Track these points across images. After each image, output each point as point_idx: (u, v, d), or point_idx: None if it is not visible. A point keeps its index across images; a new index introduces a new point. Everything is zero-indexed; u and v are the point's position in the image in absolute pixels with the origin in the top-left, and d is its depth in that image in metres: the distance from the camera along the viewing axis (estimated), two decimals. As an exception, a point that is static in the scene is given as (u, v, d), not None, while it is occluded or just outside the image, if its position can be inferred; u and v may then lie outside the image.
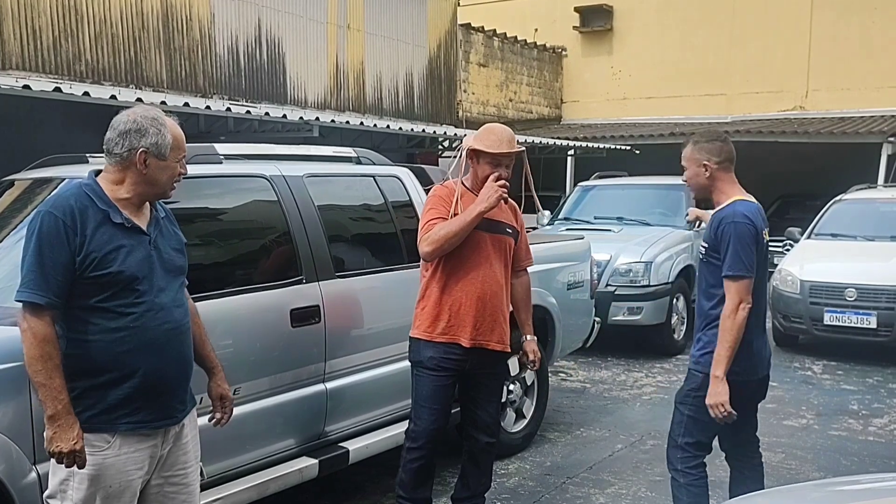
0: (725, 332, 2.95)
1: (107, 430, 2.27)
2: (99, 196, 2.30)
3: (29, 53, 8.56)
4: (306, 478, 3.50)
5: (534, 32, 17.86)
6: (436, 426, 3.43)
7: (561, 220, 8.98)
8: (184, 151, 2.43)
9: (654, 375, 6.95)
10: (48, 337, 2.19)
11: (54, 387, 2.18)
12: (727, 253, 2.96)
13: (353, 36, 12.70)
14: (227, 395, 2.71)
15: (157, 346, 2.31)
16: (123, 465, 2.29)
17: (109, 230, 2.27)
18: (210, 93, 10.35)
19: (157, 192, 2.40)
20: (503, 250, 3.46)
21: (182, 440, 2.47)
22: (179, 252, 2.49)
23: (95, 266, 2.23)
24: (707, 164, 3.08)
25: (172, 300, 2.38)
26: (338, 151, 4.13)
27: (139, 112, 2.36)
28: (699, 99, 16.72)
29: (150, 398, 2.32)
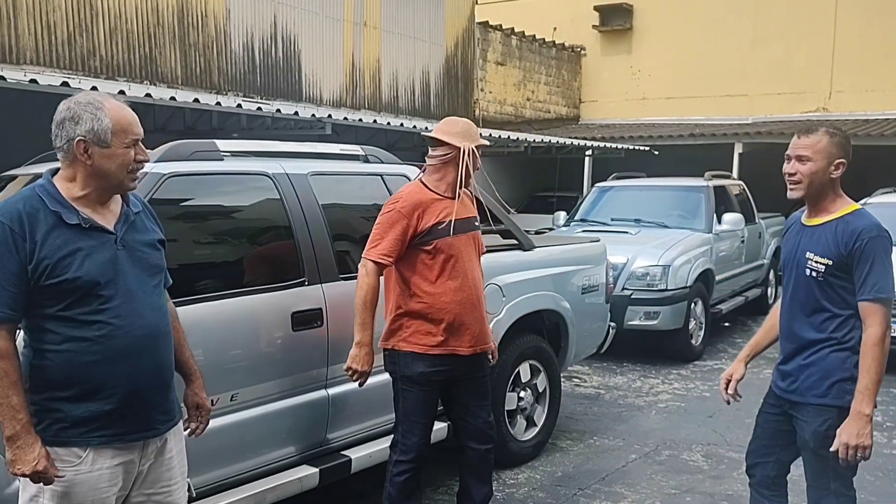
0: (874, 363, 2.56)
1: (78, 444, 2.11)
2: (52, 196, 2.11)
3: (43, 48, 8.53)
4: (306, 487, 3.37)
5: (552, 31, 17.67)
6: (425, 441, 3.34)
7: (577, 221, 8.81)
8: (133, 135, 2.17)
9: (671, 382, 6.77)
10: (5, 352, 2.02)
11: (12, 405, 2.01)
12: (870, 272, 2.58)
13: (369, 33, 12.59)
14: (203, 404, 2.52)
15: (129, 354, 2.13)
16: (96, 482, 2.13)
17: (64, 233, 2.08)
18: (225, 89, 10.29)
19: (113, 185, 2.17)
20: (475, 247, 3.40)
21: (165, 455, 2.29)
22: (155, 248, 2.29)
23: (49, 273, 2.05)
24: (840, 162, 2.70)
25: (147, 304, 2.19)
26: (345, 149, 4.00)
27: (74, 99, 2.15)
28: (720, 99, 16.46)
29: (125, 410, 2.15)
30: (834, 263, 2.65)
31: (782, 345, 2.87)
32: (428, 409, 3.33)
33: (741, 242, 8.90)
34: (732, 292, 8.90)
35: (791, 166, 2.74)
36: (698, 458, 4.86)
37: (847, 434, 2.58)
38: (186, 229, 3.26)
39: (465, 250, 3.28)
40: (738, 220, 8.30)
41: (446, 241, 3.23)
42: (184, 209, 3.24)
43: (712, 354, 7.80)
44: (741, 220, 8.36)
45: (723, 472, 4.62)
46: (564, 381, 6.43)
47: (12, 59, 8.20)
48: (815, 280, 2.69)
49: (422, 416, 3.30)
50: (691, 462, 4.80)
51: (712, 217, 8.25)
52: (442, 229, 3.22)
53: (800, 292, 2.76)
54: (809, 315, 2.73)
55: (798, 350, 2.77)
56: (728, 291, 8.73)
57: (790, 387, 2.78)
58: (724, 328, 8.96)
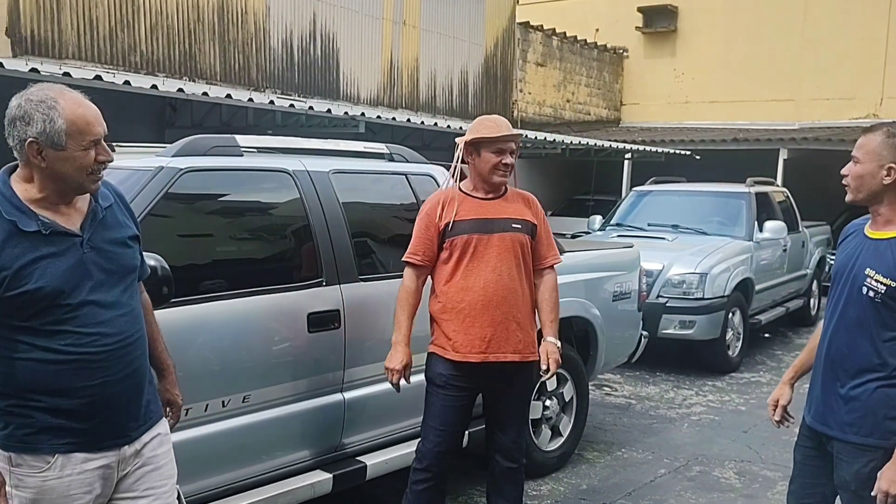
0: None
1: (46, 450, 1.97)
2: (8, 201, 1.94)
3: (85, 44, 8.62)
4: (319, 493, 3.28)
5: (595, 32, 17.45)
6: (441, 448, 3.17)
7: (613, 225, 8.62)
8: (92, 136, 1.97)
9: (705, 394, 6.55)
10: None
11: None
12: None
13: (408, 32, 12.54)
14: (174, 400, 2.37)
15: (98, 363, 1.99)
16: (67, 489, 1.99)
17: (22, 242, 1.91)
18: (263, 87, 10.32)
19: (72, 188, 2.00)
20: (511, 248, 3.14)
21: (146, 455, 2.14)
22: (127, 246, 2.12)
23: (7, 286, 1.89)
24: (892, 167, 2.39)
25: (115, 308, 2.03)
26: (368, 147, 3.91)
27: (27, 94, 1.96)
28: (765, 104, 16.07)
29: (95, 418, 2.01)
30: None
31: (822, 369, 2.55)
32: (445, 415, 3.19)
33: (783, 251, 8.61)
34: (773, 303, 8.61)
35: (846, 167, 2.49)
36: (731, 476, 4.67)
37: (887, 481, 2.30)
38: (202, 226, 3.20)
39: (488, 251, 3.12)
40: (780, 229, 8.02)
41: (461, 239, 3.11)
42: (200, 205, 3.18)
43: (750, 367, 7.55)
44: (784, 228, 8.09)
45: (756, 492, 4.43)
46: (594, 390, 6.27)
47: (55, 53, 8.31)
48: (872, 301, 2.37)
49: (438, 422, 3.18)
50: (723, 479, 4.61)
51: (753, 225, 7.99)
52: (457, 226, 3.12)
53: (850, 311, 2.45)
54: (858, 339, 2.42)
55: (841, 378, 2.46)
56: (768, 302, 8.45)
57: (827, 420, 2.49)
58: (763, 339, 8.69)
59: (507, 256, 3.14)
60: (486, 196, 3.21)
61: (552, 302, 3.30)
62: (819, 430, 2.53)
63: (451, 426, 3.18)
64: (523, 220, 3.19)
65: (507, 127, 3.19)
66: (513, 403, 3.25)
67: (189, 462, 2.61)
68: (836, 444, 2.48)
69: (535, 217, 3.25)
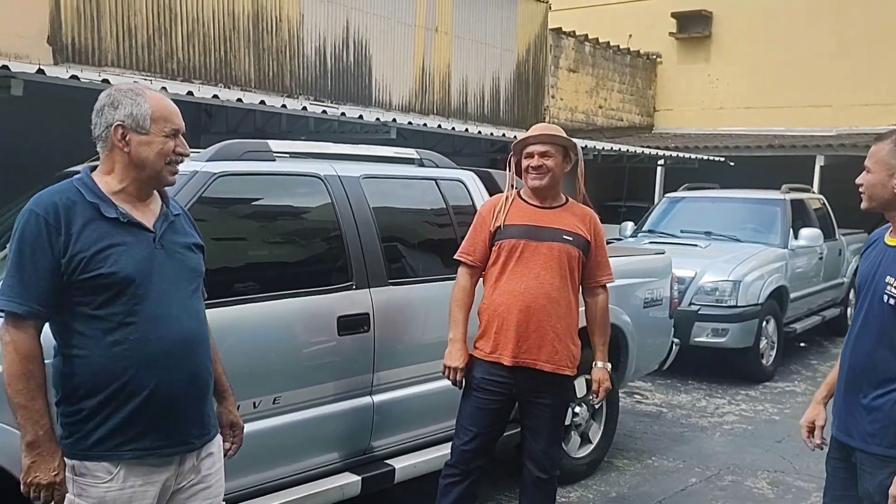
0: None
1: (109, 458, 1.99)
2: (90, 189, 2.03)
3: (124, 51, 8.80)
4: (347, 495, 3.31)
5: (628, 38, 17.34)
6: (469, 448, 3.18)
7: (645, 232, 8.56)
8: (173, 125, 2.08)
9: (738, 403, 6.47)
10: (31, 353, 1.94)
11: (35, 409, 1.92)
12: None
13: (440, 39, 12.59)
14: (237, 423, 2.39)
15: (163, 360, 2.02)
16: (128, 501, 2.01)
17: (101, 227, 1.98)
18: (296, 93, 10.43)
19: (150, 176, 2.07)
20: (558, 259, 3.13)
21: (202, 472, 2.16)
22: (194, 253, 2.19)
23: (83, 268, 1.95)
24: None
25: (183, 308, 2.08)
26: (399, 152, 3.94)
27: (116, 86, 2.10)
28: (802, 110, 15.82)
29: (159, 421, 2.03)
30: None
31: (845, 379, 2.52)
32: (476, 416, 3.19)
33: (819, 259, 8.47)
34: (809, 311, 8.48)
35: (860, 176, 2.48)
36: (763, 486, 4.60)
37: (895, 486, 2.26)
38: (235, 229, 3.25)
39: (535, 258, 3.13)
40: (816, 236, 7.90)
41: (509, 243, 3.13)
42: (233, 209, 3.23)
43: (784, 376, 7.43)
44: (819, 235, 7.96)
45: (790, 502, 4.36)
46: (625, 398, 6.22)
47: (94, 61, 8.50)
48: (894, 309, 2.35)
49: (468, 422, 3.19)
50: (756, 489, 4.55)
51: (788, 232, 7.87)
52: (507, 230, 3.14)
53: (873, 320, 2.42)
54: (881, 349, 2.39)
55: (864, 388, 2.43)
56: (804, 310, 8.32)
57: (850, 430, 2.46)
58: (799, 348, 8.55)
59: (552, 266, 3.14)
60: (541, 204, 3.21)
61: (604, 324, 3.32)
62: (843, 441, 2.50)
63: (481, 428, 3.18)
64: (576, 233, 3.18)
65: (542, 130, 3.19)
66: (545, 414, 3.23)
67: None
68: (859, 455, 2.44)
69: (589, 233, 3.23)
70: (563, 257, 3.15)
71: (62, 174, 3.63)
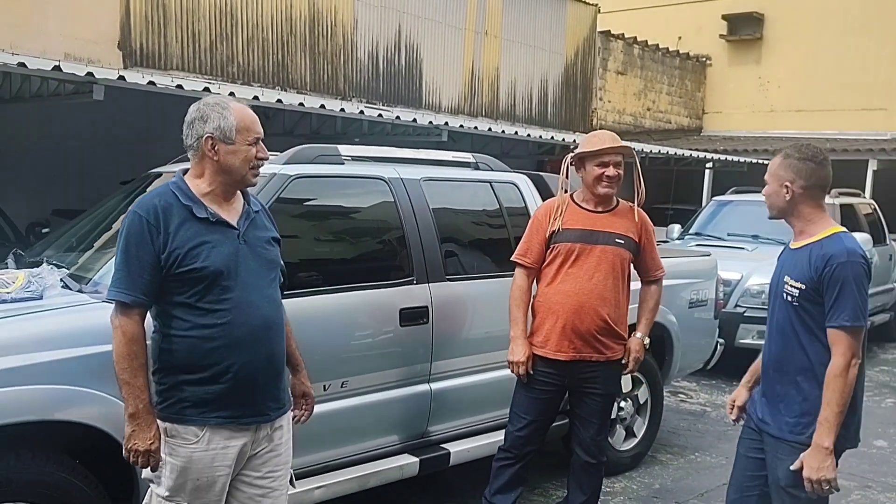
0: (835, 394, 2.47)
1: (196, 422, 2.29)
2: (184, 192, 2.31)
3: (188, 55, 9.23)
4: (406, 475, 3.56)
5: (677, 40, 17.31)
6: (522, 434, 3.45)
7: (692, 234, 8.66)
8: (255, 134, 2.35)
9: (782, 404, 6.54)
10: (136, 336, 2.22)
11: (137, 385, 2.22)
12: (839, 298, 2.47)
13: (490, 42, 12.80)
14: (309, 392, 2.69)
15: (246, 342, 2.29)
16: (211, 461, 2.30)
17: (194, 226, 2.27)
18: (349, 96, 10.76)
19: (236, 180, 2.35)
20: (610, 261, 3.38)
21: (274, 441, 2.44)
22: (272, 246, 2.46)
23: (180, 263, 2.23)
24: (790, 185, 2.61)
25: (262, 296, 2.35)
26: (457, 156, 4.18)
27: (203, 101, 2.37)
28: (855, 113, 15.61)
29: (240, 394, 2.31)
30: (807, 288, 2.54)
31: (763, 372, 2.75)
32: (529, 405, 3.45)
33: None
34: (857, 316, 8.46)
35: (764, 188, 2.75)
36: (804, 483, 4.72)
37: (808, 468, 2.49)
38: (308, 227, 3.53)
39: (589, 260, 3.36)
40: (864, 241, 7.88)
41: (565, 246, 3.37)
42: (307, 208, 3.51)
43: (830, 379, 7.46)
44: (868, 240, 7.95)
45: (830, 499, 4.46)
46: (670, 397, 6.36)
47: (161, 65, 8.93)
48: (791, 305, 2.59)
49: (522, 411, 3.45)
50: (796, 486, 4.67)
51: (837, 236, 7.89)
52: (564, 234, 3.37)
53: (780, 318, 2.64)
54: (788, 343, 2.62)
55: (778, 380, 2.65)
56: (852, 315, 8.31)
57: (766, 419, 2.68)
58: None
59: (605, 267, 3.38)
60: (594, 208, 3.45)
61: (652, 304, 3.61)
62: (761, 427, 2.71)
63: (533, 416, 3.44)
64: (627, 236, 3.42)
65: (613, 140, 3.41)
66: (596, 402, 3.49)
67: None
68: (774, 443, 2.65)
69: (638, 234, 3.46)
70: (616, 259, 3.41)
71: (148, 174, 3.97)
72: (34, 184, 8.18)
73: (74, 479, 2.62)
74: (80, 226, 3.88)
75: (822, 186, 2.65)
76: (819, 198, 2.66)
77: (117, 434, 2.63)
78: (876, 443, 5.54)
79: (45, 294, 2.80)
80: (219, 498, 2.36)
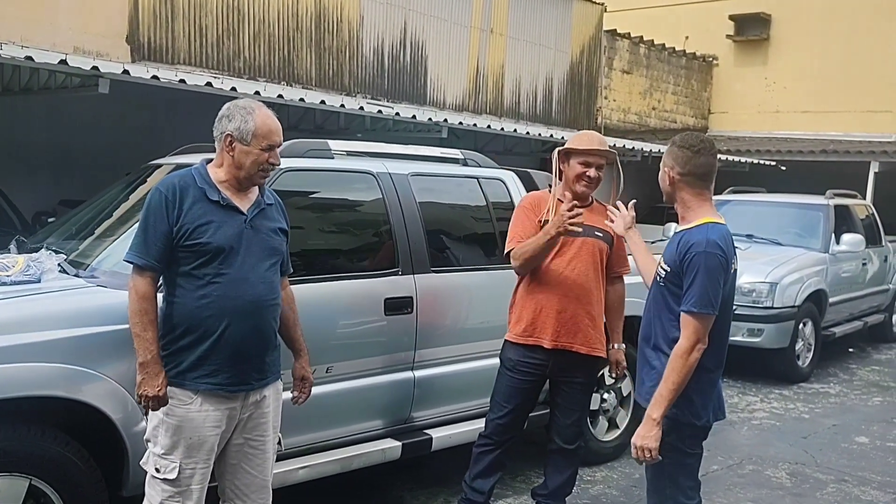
0: (673, 373, 2.62)
1: (191, 387, 2.58)
2: (202, 176, 2.62)
3: (195, 50, 9.37)
4: (388, 458, 3.70)
5: (684, 40, 17.36)
6: (502, 422, 3.56)
7: (687, 233, 8.74)
8: (270, 141, 2.61)
9: (770, 401, 6.66)
10: (147, 294, 2.52)
11: (147, 338, 2.51)
12: (692, 285, 2.62)
13: (495, 40, 12.90)
14: (307, 376, 2.96)
15: (237, 314, 2.56)
16: (203, 422, 2.58)
17: (205, 206, 2.57)
18: (354, 92, 10.89)
19: (245, 177, 2.62)
20: (591, 253, 3.49)
21: (263, 408, 2.72)
22: (278, 235, 2.72)
23: (188, 236, 2.53)
24: (669, 171, 2.77)
25: (259, 276, 2.61)
26: (445, 153, 4.31)
27: (235, 102, 2.66)
28: (861, 115, 15.64)
29: (228, 363, 2.58)
30: (671, 271, 2.71)
31: (639, 346, 2.95)
32: (509, 394, 3.56)
33: (863, 265, 8.55)
34: (851, 316, 8.56)
35: None
36: (782, 476, 4.84)
37: (637, 436, 2.71)
38: (298, 219, 3.63)
39: (570, 251, 3.46)
40: (857, 242, 7.99)
41: None
42: (297, 201, 3.64)
43: (821, 378, 7.57)
44: (861, 241, 8.05)
45: (805, 491, 4.59)
46: (658, 391, 6.47)
47: (168, 59, 9.09)
48: (658, 284, 2.79)
49: (502, 399, 3.57)
50: (774, 478, 4.79)
51: (830, 237, 7.99)
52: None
53: (653, 294, 2.87)
54: (656, 318, 2.81)
55: (647, 353, 2.86)
56: (846, 314, 8.41)
57: (639, 391, 2.91)
58: (837, 352, 8.63)
59: (586, 259, 3.50)
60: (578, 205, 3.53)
61: (621, 310, 3.71)
62: (638, 401, 2.94)
63: (513, 404, 3.56)
64: (605, 230, 3.53)
65: (600, 143, 3.51)
66: (575, 392, 3.60)
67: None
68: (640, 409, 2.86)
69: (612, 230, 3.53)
70: (595, 251, 3.52)
71: (147, 166, 4.12)
72: (42, 174, 8.37)
73: (69, 453, 2.78)
74: (80, 215, 4.03)
75: (699, 175, 2.74)
76: (698, 186, 2.75)
77: (109, 411, 2.80)
78: (858, 439, 5.65)
79: (42, 278, 2.95)
80: (208, 457, 2.61)
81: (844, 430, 5.84)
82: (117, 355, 2.78)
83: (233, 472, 2.75)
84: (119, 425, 2.84)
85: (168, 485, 2.57)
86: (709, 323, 2.64)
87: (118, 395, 2.82)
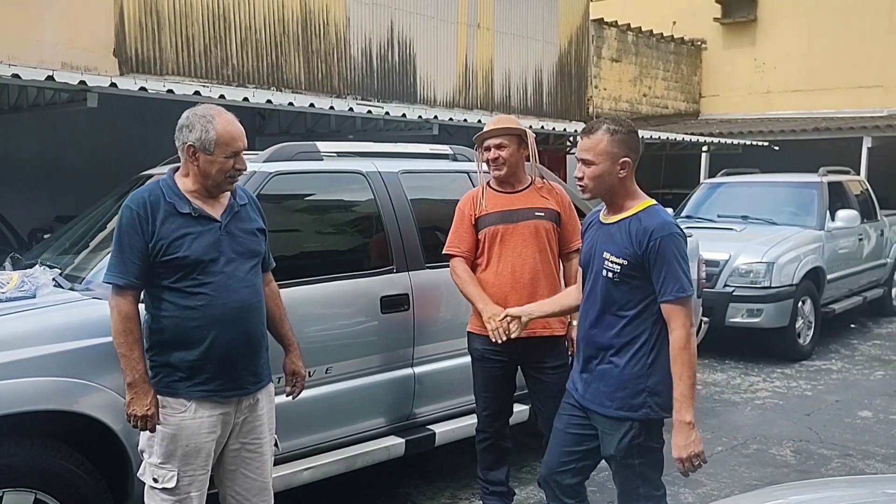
0: (685, 367, 2.47)
1: (184, 395, 2.58)
2: (170, 188, 2.59)
3: (183, 60, 9.37)
4: (392, 456, 3.72)
5: (671, 25, 17.36)
6: (488, 412, 3.58)
7: (683, 217, 8.75)
8: (234, 148, 2.57)
9: (773, 381, 6.68)
10: (129, 314, 2.52)
11: (133, 357, 2.51)
12: (668, 273, 2.50)
13: (482, 35, 12.90)
14: (299, 371, 2.96)
15: (225, 321, 2.56)
16: (198, 429, 2.59)
17: (177, 220, 2.54)
18: (344, 93, 10.89)
19: (213, 185, 2.60)
20: (535, 234, 3.44)
21: (257, 412, 2.73)
22: (255, 235, 2.70)
23: (164, 251, 2.51)
24: (628, 160, 2.60)
25: (241, 281, 2.60)
26: (434, 149, 4.32)
27: (194, 110, 2.61)
28: (852, 91, 15.64)
29: (221, 369, 2.58)
30: (629, 263, 2.56)
31: (580, 347, 2.77)
32: (487, 384, 3.57)
33: (859, 240, 8.57)
34: (850, 292, 8.58)
35: (578, 170, 2.67)
36: (787, 454, 4.86)
37: (677, 448, 2.51)
38: (289, 221, 3.68)
39: (514, 238, 3.44)
40: (853, 217, 8.01)
41: (490, 231, 3.46)
42: (288, 204, 3.66)
43: (822, 355, 7.59)
44: (856, 217, 8.07)
45: (810, 468, 4.61)
46: (660, 376, 6.49)
47: (156, 70, 9.08)
48: (612, 281, 2.61)
49: (482, 390, 3.59)
50: (779, 456, 4.81)
51: (825, 214, 8.01)
52: (486, 219, 3.47)
53: (598, 293, 2.66)
54: (605, 318, 2.65)
55: (595, 355, 2.69)
56: (844, 291, 8.43)
57: (587, 394, 2.71)
58: (838, 327, 8.65)
59: (531, 242, 3.47)
60: (512, 190, 3.53)
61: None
62: (585, 405, 2.74)
63: (493, 392, 3.57)
64: (546, 208, 3.51)
65: (499, 122, 3.53)
66: (550, 375, 3.52)
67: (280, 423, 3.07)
68: (598, 419, 2.69)
69: (558, 205, 3.55)
70: (540, 232, 3.48)
71: (139, 177, 4.13)
72: (37, 191, 8.38)
73: (73, 466, 2.79)
74: (74, 229, 4.05)
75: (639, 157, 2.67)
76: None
77: (110, 422, 2.82)
78: (861, 413, 5.67)
79: (38, 293, 2.97)
80: (205, 463, 2.61)
81: (847, 406, 5.86)
82: (116, 366, 2.76)
83: (232, 478, 2.75)
84: (121, 436, 2.86)
85: (167, 494, 2.58)
86: (691, 303, 2.55)
87: (119, 405, 2.82)
